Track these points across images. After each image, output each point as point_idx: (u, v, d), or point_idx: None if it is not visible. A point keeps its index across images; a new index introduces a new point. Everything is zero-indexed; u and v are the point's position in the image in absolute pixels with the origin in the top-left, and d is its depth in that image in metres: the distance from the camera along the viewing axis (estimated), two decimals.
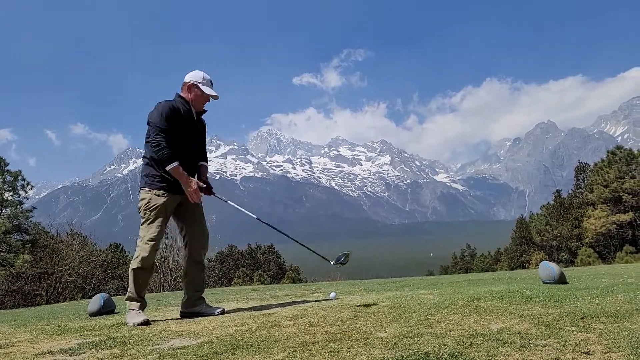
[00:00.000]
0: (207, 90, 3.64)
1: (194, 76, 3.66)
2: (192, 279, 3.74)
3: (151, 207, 3.52)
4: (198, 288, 3.75)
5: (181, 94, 3.68)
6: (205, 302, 3.78)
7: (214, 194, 3.82)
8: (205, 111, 3.83)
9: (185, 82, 3.67)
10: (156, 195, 3.53)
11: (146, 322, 3.30)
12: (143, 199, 3.56)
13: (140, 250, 3.47)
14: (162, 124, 3.44)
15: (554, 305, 2.88)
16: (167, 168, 3.44)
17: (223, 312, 3.71)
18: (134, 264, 3.49)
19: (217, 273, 37.31)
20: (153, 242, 3.49)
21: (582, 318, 2.42)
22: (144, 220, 3.55)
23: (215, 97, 3.72)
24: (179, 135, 3.54)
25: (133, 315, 3.41)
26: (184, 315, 3.70)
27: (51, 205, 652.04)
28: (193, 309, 3.69)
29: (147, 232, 3.50)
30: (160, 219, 3.53)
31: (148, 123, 3.53)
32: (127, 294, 3.55)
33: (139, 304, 3.49)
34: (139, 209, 3.59)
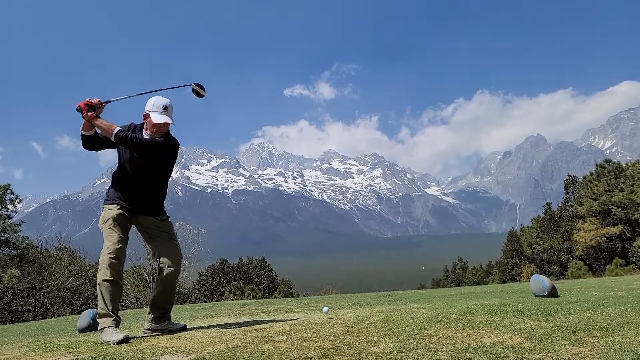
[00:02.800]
0: (156, 118, 3.55)
1: (146, 105, 3.61)
2: (158, 298, 3.73)
3: (105, 220, 3.60)
4: (161, 306, 3.74)
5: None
6: (169, 319, 3.80)
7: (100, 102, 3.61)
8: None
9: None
10: (107, 209, 3.63)
11: (126, 340, 3.20)
12: (100, 217, 3.70)
13: (101, 263, 3.46)
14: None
15: (546, 319, 2.90)
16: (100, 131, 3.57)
17: (185, 328, 3.77)
18: (97, 278, 3.45)
19: (208, 287, 36.86)
20: (109, 253, 3.44)
21: (574, 332, 2.44)
22: (103, 235, 3.61)
23: (167, 124, 3.60)
24: (119, 162, 3.69)
25: (110, 333, 3.27)
26: (147, 332, 3.70)
27: (40, 219, 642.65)
28: (157, 325, 3.71)
29: (104, 244, 3.52)
30: (114, 231, 3.53)
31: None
32: (97, 311, 3.43)
33: (112, 318, 3.36)
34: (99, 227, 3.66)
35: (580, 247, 28.04)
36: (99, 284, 3.42)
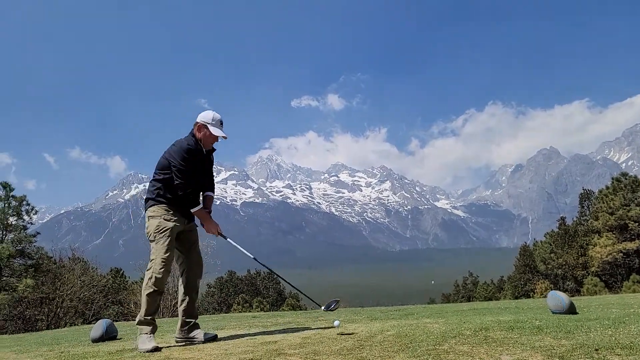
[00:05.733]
0: (215, 131, 3.78)
1: (204, 117, 3.81)
2: (188, 307, 3.82)
3: (161, 229, 3.63)
4: (193, 315, 3.84)
5: (194, 132, 3.83)
6: (198, 328, 3.85)
7: (222, 235, 3.94)
8: (214, 149, 3.99)
9: (196, 122, 3.83)
10: (165, 219, 3.66)
11: (156, 349, 3.31)
12: (152, 223, 3.68)
13: (153, 272, 3.54)
14: (182, 166, 3.66)
15: (566, 337, 2.82)
16: (193, 211, 3.74)
17: (215, 338, 3.81)
18: (145, 288, 3.55)
19: (217, 299, 36.83)
20: (165, 264, 3.57)
21: (596, 350, 2.38)
22: (154, 242, 3.65)
23: (224, 138, 3.87)
24: (192, 172, 3.74)
25: (144, 340, 3.42)
26: (179, 341, 3.78)
27: (54, 230, 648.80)
28: (188, 335, 3.78)
29: (158, 254, 3.58)
30: (169, 241, 3.64)
31: (170, 164, 3.69)
32: (137, 318, 3.57)
33: (151, 327, 3.52)
34: (148, 233, 3.69)
35: (596, 262, 27.53)
36: (147, 294, 3.55)
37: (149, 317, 3.52)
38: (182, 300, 3.81)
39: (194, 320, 3.81)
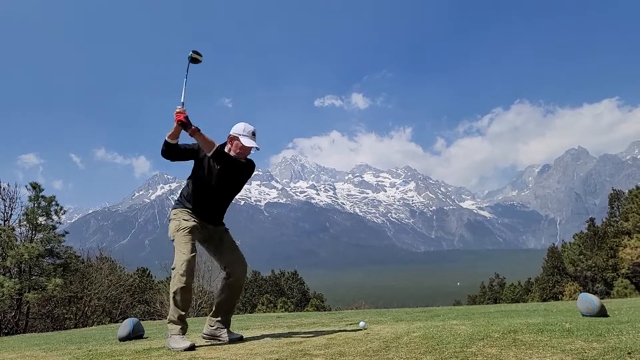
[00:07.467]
0: (246, 141, 3.73)
1: (236, 128, 3.79)
2: (224, 302, 3.80)
3: (180, 228, 3.62)
4: (227, 311, 3.82)
5: (224, 143, 3.82)
6: (228, 327, 3.83)
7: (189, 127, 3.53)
8: (245, 163, 3.89)
9: (229, 134, 3.81)
10: (184, 219, 3.66)
11: (192, 348, 3.28)
12: (172, 225, 3.71)
13: (176, 271, 3.50)
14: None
15: (597, 340, 2.74)
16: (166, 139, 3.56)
17: (241, 339, 3.78)
18: (171, 286, 3.52)
19: (241, 299, 37.22)
20: (186, 261, 3.50)
21: (629, 353, 2.30)
22: (174, 242, 3.64)
23: (256, 149, 3.81)
24: (197, 174, 3.75)
25: (177, 340, 3.37)
26: (205, 338, 3.78)
27: (82, 230, 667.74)
28: (216, 332, 3.77)
29: (179, 252, 3.54)
30: (189, 240, 3.59)
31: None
32: (168, 318, 3.54)
33: (181, 326, 3.47)
34: (169, 234, 3.72)
35: (626, 264, 26.80)
36: (174, 292, 3.47)
37: (179, 316, 3.48)
38: (220, 295, 3.81)
39: (226, 317, 3.80)
